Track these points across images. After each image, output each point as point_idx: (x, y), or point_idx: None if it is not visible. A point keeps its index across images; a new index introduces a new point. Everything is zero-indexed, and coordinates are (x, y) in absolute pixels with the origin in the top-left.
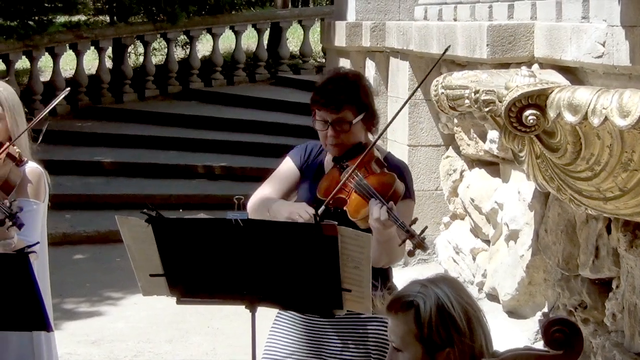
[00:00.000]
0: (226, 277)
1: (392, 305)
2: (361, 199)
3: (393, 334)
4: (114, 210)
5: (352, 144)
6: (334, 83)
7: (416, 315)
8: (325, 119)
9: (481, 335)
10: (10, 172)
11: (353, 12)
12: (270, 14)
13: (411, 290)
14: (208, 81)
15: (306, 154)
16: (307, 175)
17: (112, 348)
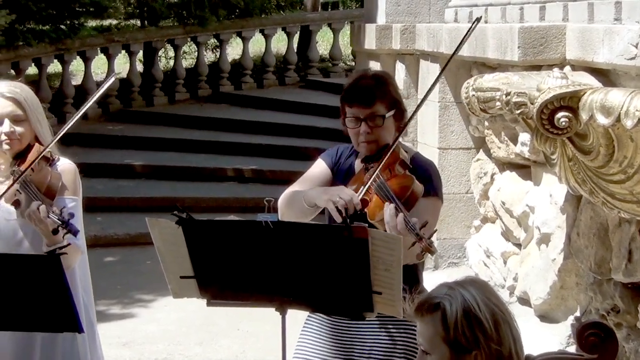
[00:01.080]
0: (256, 279)
1: (419, 308)
2: (380, 201)
3: (421, 336)
4: (144, 212)
5: (383, 143)
6: (364, 80)
7: (442, 317)
8: (358, 115)
9: (510, 338)
10: (51, 177)
11: (383, 15)
12: (300, 17)
13: (438, 293)
14: (238, 84)
15: (337, 156)
16: (338, 178)
17: (142, 350)
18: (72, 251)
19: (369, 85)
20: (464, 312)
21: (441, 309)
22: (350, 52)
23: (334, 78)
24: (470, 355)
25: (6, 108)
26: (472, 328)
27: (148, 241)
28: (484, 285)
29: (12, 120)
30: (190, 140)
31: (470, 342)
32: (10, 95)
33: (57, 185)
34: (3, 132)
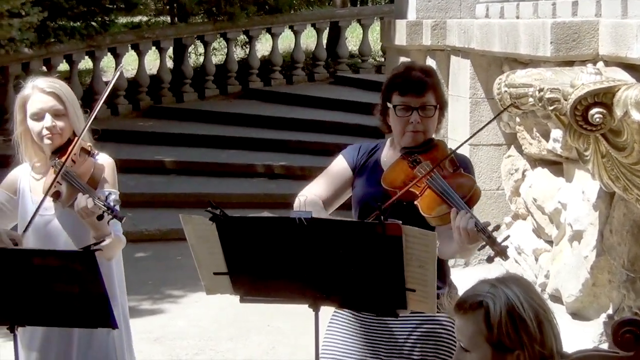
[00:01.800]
0: (290, 276)
1: (460, 305)
2: (436, 196)
3: (461, 334)
4: (175, 208)
5: (429, 136)
6: (415, 71)
7: (486, 316)
8: (409, 104)
9: (551, 337)
10: (95, 168)
11: (413, 11)
12: (330, 13)
13: (480, 290)
14: (267, 81)
15: (359, 154)
16: (361, 174)
17: (173, 346)
18: (115, 242)
19: (421, 75)
20: (508, 312)
21: (484, 308)
22: (380, 48)
23: (363, 74)
24: (513, 355)
25: (47, 103)
26: (516, 328)
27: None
28: (525, 283)
29: (53, 115)
30: (220, 136)
31: (514, 342)
32: (51, 90)
33: (100, 176)
34: (45, 126)
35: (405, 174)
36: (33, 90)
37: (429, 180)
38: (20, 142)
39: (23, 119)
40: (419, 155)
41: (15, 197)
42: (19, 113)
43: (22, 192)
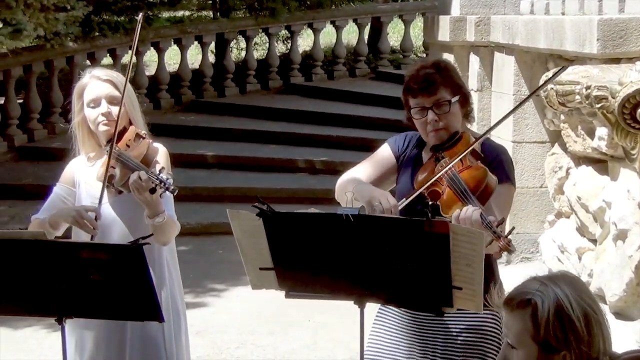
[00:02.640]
0: (336, 272)
1: (509, 301)
2: (453, 195)
3: (508, 329)
4: (216, 203)
5: (453, 131)
6: (425, 69)
7: (533, 315)
8: (423, 105)
9: (600, 339)
10: (149, 148)
11: (457, 7)
12: (371, 8)
13: (530, 288)
14: (309, 76)
15: (405, 143)
16: (406, 166)
17: (215, 339)
18: (169, 223)
19: (430, 73)
20: (556, 311)
21: (532, 306)
22: (422, 44)
23: (405, 70)
24: (559, 355)
25: (103, 90)
26: (563, 328)
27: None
28: (576, 281)
29: (109, 102)
30: (261, 131)
31: (561, 343)
32: (107, 78)
33: (153, 157)
34: (101, 112)
35: (431, 173)
36: (90, 78)
37: (447, 178)
38: (77, 132)
39: (81, 107)
40: (444, 152)
41: (74, 190)
42: (77, 102)
43: (78, 184)
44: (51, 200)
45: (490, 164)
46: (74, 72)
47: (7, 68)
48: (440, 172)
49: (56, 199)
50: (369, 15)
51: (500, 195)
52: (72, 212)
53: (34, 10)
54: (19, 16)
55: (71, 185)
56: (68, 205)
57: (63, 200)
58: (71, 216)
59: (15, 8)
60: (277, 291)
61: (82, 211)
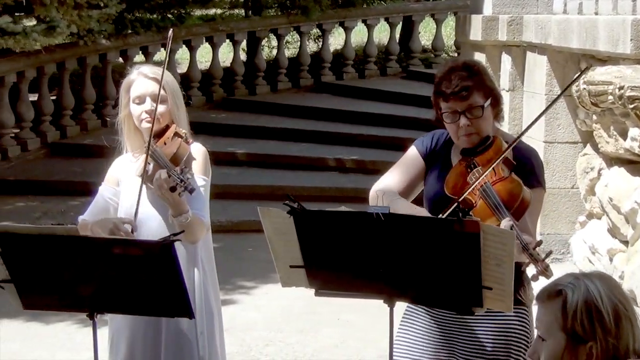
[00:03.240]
0: (366, 270)
1: (542, 294)
2: (487, 208)
3: (539, 322)
4: (246, 200)
5: (484, 135)
6: (456, 71)
7: (563, 305)
8: (455, 109)
9: (629, 335)
10: (180, 146)
11: (490, 6)
12: (403, 7)
13: (563, 281)
14: (340, 74)
15: (432, 142)
16: (434, 166)
17: (243, 336)
18: (196, 222)
19: (463, 77)
20: (585, 302)
21: (562, 296)
22: (453, 43)
23: (436, 69)
24: (585, 346)
25: (149, 88)
26: (591, 319)
27: (250, 228)
28: (610, 279)
29: (153, 100)
30: (292, 129)
31: (588, 333)
32: (154, 76)
33: (183, 155)
34: (144, 110)
35: (463, 180)
36: (138, 75)
37: (480, 190)
38: (123, 126)
39: (127, 102)
40: (475, 157)
41: (118, 189)
42: (124, 97)
43: (123, 182)
44: (96, 201)
45: (522, 169)
46: (107, 70)
47: (41, 65)
48: (474, 183)
49: (100, 199)
50: (400, 14)
51: (533, 201)
52: (109, 225)
53: (67, 8)
54: (53, 13)
55: (115, 185)
56: (114, 205)
57: (107, 201)
58: (108, 228)
59: (49, 5)
60: (306, 289)
61: (119, 223)
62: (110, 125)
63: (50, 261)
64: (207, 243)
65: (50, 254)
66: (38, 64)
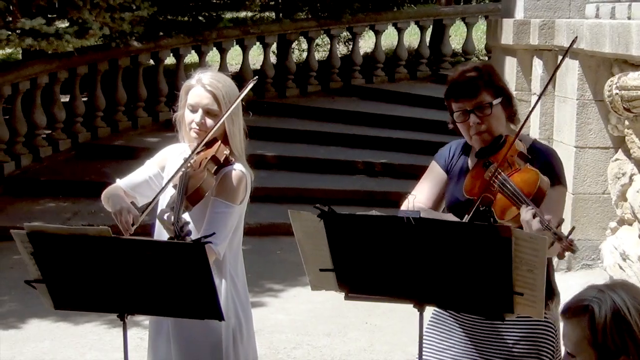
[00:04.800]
0: (396, 274)
1: (567, 310)
2: (506, 200)
3: (567, 338)
4: (275, 203)
5: (496, 134)
6: (465, 73)
7: (590, 321)
8: (464, 108)
9: None
10: (204, 182)
11: (521, 10)
12: (434, 10)
13: (587, 295)
14: (369, 77)
15: (450, 154)
16: (454, 176)
17: (271, 339)
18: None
19: (471, 76)
20: (613, 316)
21: (589, 312)
22: (484, 47)
23: None
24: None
25: (203, 100)
26: (621, 333)
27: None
28: (635, 289)
29: (205, 112)
30: (321, 132)
31: (619, 347)
32: (210, 89)
33: (205, 192)
34: (195, 120)
35: (480, 180)
36: (197, 83)
37: (497, 183)
38: (181, 122)
39: (184, 104)
40: (490, 157)
41: (162, 174)
42: (183, 97)
43: (167, 171)
44: (138, 172)
45: (541, 166)
46: (138, 72)
47: (73, 66)
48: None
49: (142, 173)
50: (431, 17)
51: (552, 198)
52: (117, 206)
53: (100, 10)
54: (86, 15)
55: (161, 168)
56: (150, 185)
57: (147, 179)
58: (115, 209)
59: (82, 8)
60: (334, 292)
61: (125, 212)
62: (140, 127)
63: (81, 262)
64: (234, 252)
65: (82, 255)
66: (70, 65)
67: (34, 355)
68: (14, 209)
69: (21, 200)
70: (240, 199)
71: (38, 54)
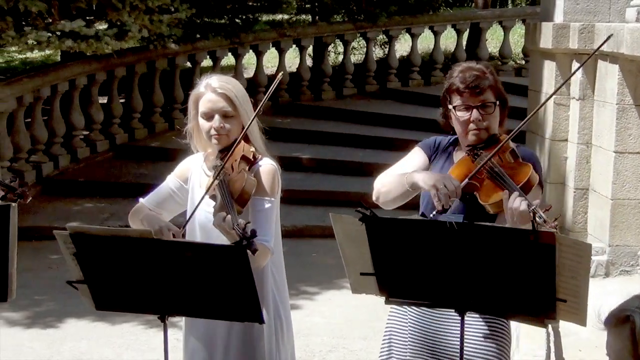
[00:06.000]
0: (437, 279)
1: (609, 319)
2: (493, 184)
3: (609, 348)
4: (310, 206)
5: (492, 132)
6: (470, 70)
7: (631, 331)
8: (469, 103)
9: None
10: (247, 182)
11: (561, 13)
12: (471, 14)
13: (630, 305)
14: (405, 81)
15: (435, 146)
16: (435, 167)
17: (307, 342)
18: (262, 251)
19: (479, 75)
20: None
21: (630, 323)
22: (521, 50)
23: (503, 76)
24: None
25: (217, 104)
26: None
27: (314, 234)
28: None
29: (222, 116)
30: (356, 135)
31: None
32: (222, 92)
33: (251, 192)
34: (213, 127)
35: (467, 168)
36: (206, 89)
37: (487, 170)
38: (192, 134)
39: (195, 114)
40: (483, 150)
41: (186, 186)
42: (192, 108)
43: (192, 183)
44: (161, 188)
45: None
46: (175, 74)
47: (111, 68)
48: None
49: (165, 188)
50: (468, 20)
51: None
52: (156, 226)
53: (139, 12)
54: (125, 17)
55: (183, 181)
56: (174, 198)
57: (170, 192)
58: (155, 229)
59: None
60: (369, 296)
61: (165, 230)
62: (177, 129)
63: (123, 263)
64: (277, 250)
65: (123, 256)
66: (109, 67)
67: (72, 355)
68: (52, 209)
69: (59, 201)
70: (277, 191)
71: (76, 56)
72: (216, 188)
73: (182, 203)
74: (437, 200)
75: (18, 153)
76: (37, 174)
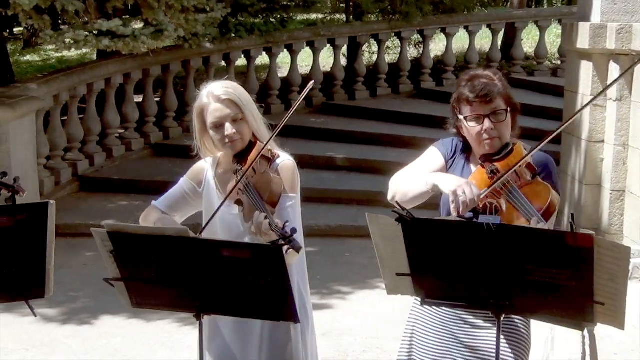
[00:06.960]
0: (474, 281)
1: None
2: (516, 211)
3: None
4: (344, 205)
5: (505, 141)
6: (479, 78)
7: None
8: (480, 112)
9: None
10: (273, 182)
11: (598, 14)
12: (506, 14)
13: None
14: (439, 81)
15: (452, 147)
16: (452, 171)
17: (340, 342)
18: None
19: (487, 82)
20: None
21: None
22: (557, 51)
23: (539, 77)
24: None
25: (225, 111)
26: None
27: (348, 233)
28: None
29: (232, 122)
30: (390, 135)
31: None
32: (227, 98)
33: (279, 191)
34: (227, 134)
35: (484, 182)
36: (209, 99)
37: (507, 194)
38: (201, 146)
39: (202, 127)
40: (496, 163)
41: (199, 189)
42: (198, 122)
43: (207, 184)
44: (174, 190)
45: (539, 174)
46: (210, 73)
47: (146, 67)
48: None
49: (179, 191)
50: (503, 20)
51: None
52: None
53: (175, 12)
54: (161, 17)
55: (197, 184)
56: (188, 200)
57: (185, 196)
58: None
59: (157, 9)
60: (404, 296)
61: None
62: None
63: (159, 261)
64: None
65: (160, 254)
66: (144, 66)
67: (107, 352)
68: (88, 207)
69: (94, 198)
70: (298, 186)
71: (112, 55)
72: (241, 192)
73: (195, 206)
74: (455, 206)
75: (54, 151)
76: (73, 171)
